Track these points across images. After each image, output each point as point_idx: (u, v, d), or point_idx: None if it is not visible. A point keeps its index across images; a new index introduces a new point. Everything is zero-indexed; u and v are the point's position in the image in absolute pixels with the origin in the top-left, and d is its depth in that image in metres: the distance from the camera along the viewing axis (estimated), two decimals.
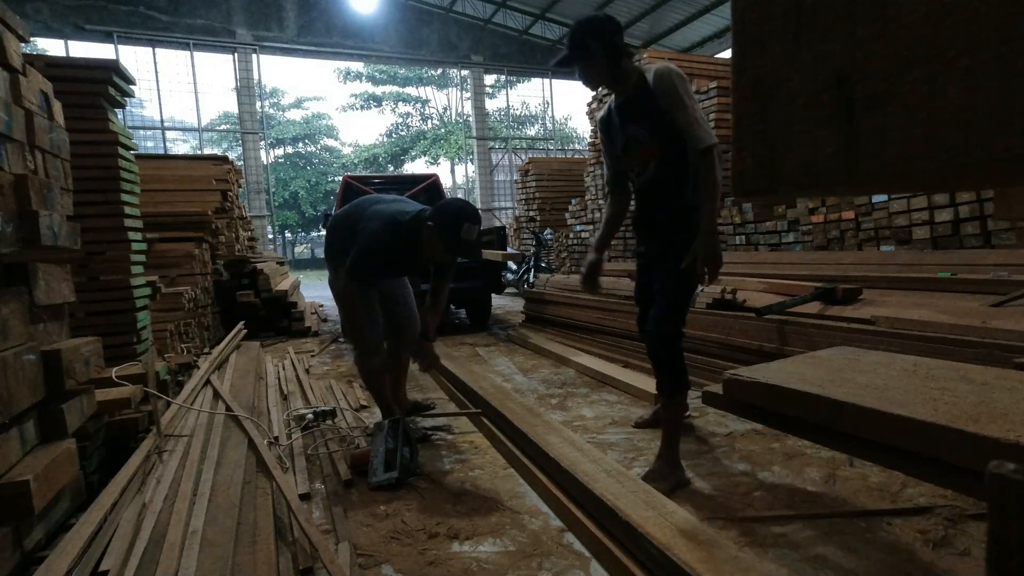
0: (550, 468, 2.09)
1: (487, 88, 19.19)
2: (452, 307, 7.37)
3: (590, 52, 2.05)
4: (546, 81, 18.15)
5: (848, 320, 2.81)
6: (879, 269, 3.60)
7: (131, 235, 3.17)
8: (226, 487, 1.95)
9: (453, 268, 2.79)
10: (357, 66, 25.44)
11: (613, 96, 2.28)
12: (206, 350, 4.58)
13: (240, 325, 5.51)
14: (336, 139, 29.31)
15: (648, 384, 3.33)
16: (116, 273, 3.09)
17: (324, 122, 28.71)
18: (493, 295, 6.53)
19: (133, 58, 12.86)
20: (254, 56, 14.07)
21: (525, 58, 17.36)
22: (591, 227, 8.98)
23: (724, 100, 6.25)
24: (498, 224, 12.70)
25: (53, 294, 2.03)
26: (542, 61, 17.57)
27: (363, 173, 21.12)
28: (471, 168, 18.58)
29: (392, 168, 28.26)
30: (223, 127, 22.18)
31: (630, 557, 1.54)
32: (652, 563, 1.45)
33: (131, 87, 3.35)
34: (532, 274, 8.44)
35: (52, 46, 13.52)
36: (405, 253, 2.50)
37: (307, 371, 4.35)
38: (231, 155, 11.88)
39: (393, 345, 2.86)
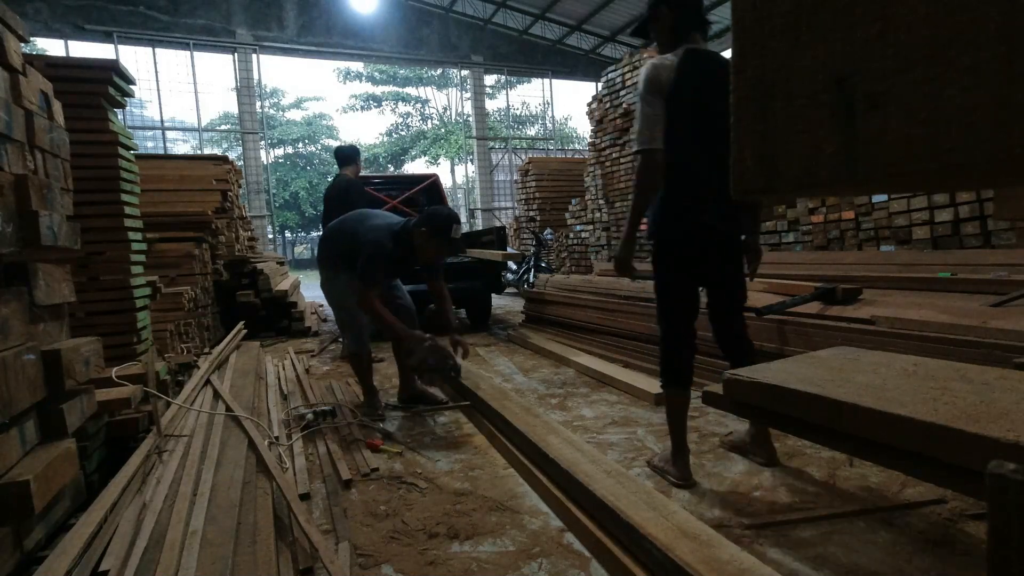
0: (550, 469, 2.09)
1: (487, 88, 19.19)
2: (452, 307, 7.36)
3: (657, 15, 2.10)
4: (546, 81, 18.14)
5: (848, 320, 2.81)
6: (879, 269, 3.60)
7: (131, 235, 3.17)
8: (226, 487, 1.95)
9: (443, 266, 3.23)
10: (357, 66, 25.44)
11: None
12: (206, 350, 4.58)
13: (240, 325, 5.51)
14: (336, 139, 29.31)
15: (648, 384, 3.34)
16: (116, 273, 3.09)
17: (325, 122, 28.71)
18: (493, 295, 6.52)
19: (133, 58, 12.86)
20: (254, 56, 14.07)
21: (525, 58, 17.35)
22: (591, 227, 8.98)
23: None
24: (498, 224, 12.71)
25: (53, 294, 2.03)
26: (542, 61, 17.56)
27: (363, 173, 21.06)
28: (471, 168, 18.58)
29: (392, 168, 28.26)
30: (223, 127, 22.17)
31: (630, 557, 1.54)
32: (653, 563, 1.45)
33: (131, 87, 3.35)
34: (532, 274, 8.44)
35: (52, 46, 13.53)
36: (401, 257, 2.97)
37: (307, 371, 4.35)
38: (231, 155, 11.88)
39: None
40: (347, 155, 4.98)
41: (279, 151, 27.47)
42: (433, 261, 3.08)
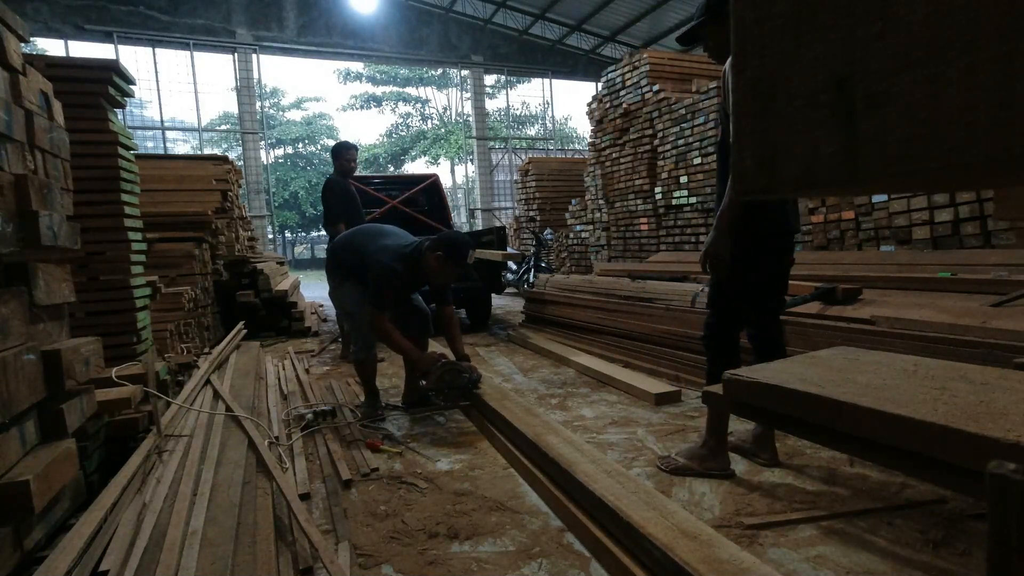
0: (550, 469, 2.09)
1: (487, 88, 19.18)
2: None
3: (725, 16, 1.99)
4: (546, 81, 18.14)
5: (848, 320, 2.81)
6: (879, 269, 3.60)
7: (131, 235, 3.16)
8: (226, 487, 1.95)
9: (451, 291, 3.23)
10: (357, 66, 25.44)
11: None
12: (206, 350, 4.58)
13: (240, 325, 5.51)
14: (336, 139, 29.25)
15: (648, 384, 3.34)
16: (116, 273, 3.09)
17: (325, 123, 28.71)
18: (493, 295, 6.52)
19: (133, 58, 12.87)
20: (254, 56, 14.07)
21: (525, 58, 17.35)
22: (591, 227, 8.98)
23: None
24: (498, 224, 12.71)
25: (53, 294, 2.03)
26: (542, 61, 17.56)
27: (363, 173, 21.09)
28: (471, 168, 18.58)
29: (392, 168, 28.25)
30: (223, 127, 22.17)
31: (630, 557, 1.54)
32: (653, 563, 1.45)
33: (131, 87, 3.35)
34: (532, 274, 8.43)
35: (52, 46, 13.52)
36: (411, 278, 3.03)
37: (307, 371, 4.35)
38: (231, 155, 11.88)
39: (418, 335, 3.27)
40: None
41: (279, 151, 27.47)
42: (444, 284, 3.11)
